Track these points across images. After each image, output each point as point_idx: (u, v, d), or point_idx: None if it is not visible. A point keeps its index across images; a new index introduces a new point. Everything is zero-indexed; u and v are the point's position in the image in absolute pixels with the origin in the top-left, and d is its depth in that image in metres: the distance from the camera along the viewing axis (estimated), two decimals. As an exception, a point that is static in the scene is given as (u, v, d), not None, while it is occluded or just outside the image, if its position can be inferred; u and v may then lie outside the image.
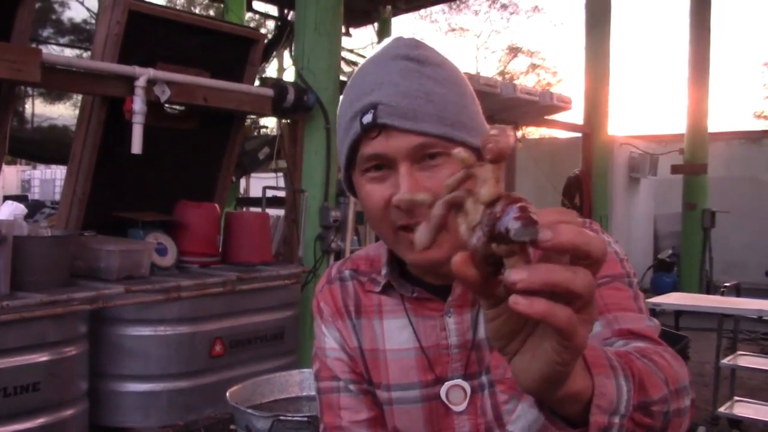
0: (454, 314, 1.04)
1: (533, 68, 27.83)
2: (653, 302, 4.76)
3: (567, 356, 0.57)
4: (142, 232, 3.79)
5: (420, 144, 0.94)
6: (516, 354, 0.61)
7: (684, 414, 0.78)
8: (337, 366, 1.12)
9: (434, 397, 1.05)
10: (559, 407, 0.68)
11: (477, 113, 1.01)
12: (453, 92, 0.98)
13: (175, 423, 3.57)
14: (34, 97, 13.98)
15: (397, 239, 0.97)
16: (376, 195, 0.97)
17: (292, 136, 4.68)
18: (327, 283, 1.17)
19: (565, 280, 0.53)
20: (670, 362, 0.80)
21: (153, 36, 3.79)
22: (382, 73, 0.97)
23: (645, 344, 0.85)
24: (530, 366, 0.60)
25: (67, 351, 3.08)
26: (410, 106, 0.93)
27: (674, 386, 0.77)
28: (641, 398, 0.72)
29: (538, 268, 0.54)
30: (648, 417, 0.73)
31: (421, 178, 0.95)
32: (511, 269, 0.54)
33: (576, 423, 0.69)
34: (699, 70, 9.66)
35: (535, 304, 0.53)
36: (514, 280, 0.53)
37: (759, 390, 5.38)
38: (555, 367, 0.58)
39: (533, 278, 0.53)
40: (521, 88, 6.56)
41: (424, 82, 0.95)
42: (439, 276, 1.04)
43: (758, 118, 26.23)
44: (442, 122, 0.94)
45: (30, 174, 23.84)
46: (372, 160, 0.96)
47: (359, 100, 0.96)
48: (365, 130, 0.94)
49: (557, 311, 0.54)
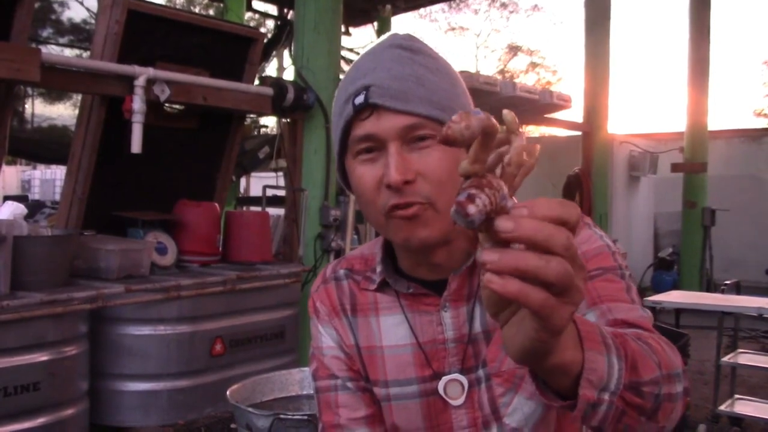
0: (450, 308, 1.04)
1: (533, 67, 27.89)
2: (653, 300, 4.76)
3: (544, 335, 0.59)
4: (142, 232, 3.78)
5: (410, 124, 0.95)
6: (506, 324, 0.63)
7: (676, 400, 0.78)
8: (334, 364, 1.12)
9: (432, 392, 1.06)
10: (549, 378, 0.69)
11: (468, 105, 1.03)
12: (444, 81, 1.00)
13: (176, 422, 3.57)
14: (34, 97, 14.00)
15: (387, 221, 0.98)
16: (368, 176, 0.98)
17: (292, 135, 4.68)
18: (322, 283, 1.18)
19: (535, 267, 0.54)
20: (664, 348, 0.81)
21: (152, 35, 3.79)
22: (375, 60, 0.99)
23: (640, 332, 0.86)
24: (515, 338, 0.62)
25: (67, 350, 3.08)
26: (401, 88, 0.95)
27: (667, 371, 0.78)
28: (632, 378, 0.72)
29: (509, 253, 0.55)
30: (639, 397, 0.73)
31: (410, 158, 0.96)
32: (482, 249, 0.55)
33: (567, 396, 0.71)
34: (699, 68, 9.66)
35: (508, 284, 0.55)
36: (483, 261, 0.55)
37: (760, 388, 5.39)
38: (534, 342, 0.60)
39: (503, 263, 0.54)
40: (521, 87, 6.56)
41: (416, 68, 0.98)
42: (433, 269, 1.05)
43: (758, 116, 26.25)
44: (432, 105, 0.96)
45: (30, 174, 23.85)
46: (363, 141, 0.98)
47: (353, 84, 0.99)
48: (357, 111, 0.96)
49: (531, 293, 0.55)
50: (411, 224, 0.96)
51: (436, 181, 0.95)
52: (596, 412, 0.70)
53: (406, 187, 0.95)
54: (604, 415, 0.71)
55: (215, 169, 4.48)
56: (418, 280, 1.07)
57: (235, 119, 4.42)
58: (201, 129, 4.25)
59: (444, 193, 0.95)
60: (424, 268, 1.05)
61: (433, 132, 0.96)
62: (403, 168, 0.94)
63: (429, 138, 0.96)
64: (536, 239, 0.55)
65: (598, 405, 0.70)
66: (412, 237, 0.97)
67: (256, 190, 8.26)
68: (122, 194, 3.97)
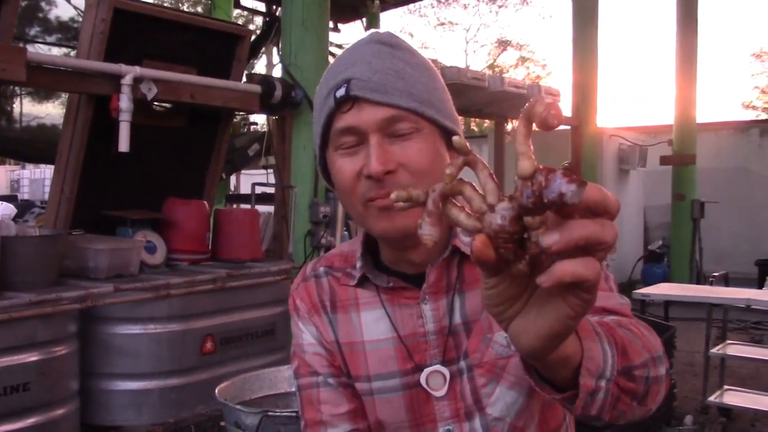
0: (430, 301, 1.05)
1: (522, 61, 27.92)
2: (643, 293, 4.79)
3: (581, 309, 0.60)
4: (131, 231, 3.78)
5: (390, 116, 0.97)
6: (516, 317, 0.64)
7: (661, 382, 0.82)
8: (315, 361, 1.13)
9: (414, 385, 1.06)
10: (550, 371, 0.71)
11: (448, 101, 1.04)
12: (424, 75, 1.01)
13: (166, 420, 3.57)
14: (22, 97, 13.91)
15: (366, 211, 0.99)
16: (347, 168, 0.99)
17: (281, 132, 4.67)
18: (302, 281, 1.18)
19: (596, 232, 0.56)
20: (643, 332, 0.84)
21: (139, 33, 3.78)
22: (356, 55, 1.01)
23: (619, 318, 0.89)
24: (535, 324, 0.62)
25: (57, 350, 3.08)
26: (381, 81, 0.97)
27: (651, 354, 0.81)
28: (624, 363, 0.75)
29: (567, 228, 0.56)
30: (631, 381, 0.76)
31: (391, 150, 0.97)
32: (542, 236, 0.56)
33: (563, 389, 0.72)
34: (687, 61, 9.70)
35: (566, 268, 0.56)
36: (547, 244, 0.56)
37: (748, 379, 5.42)
38: (566, 321, 0.61)
39: (565, 238, 0.55)
40: (509, 81, 6.57)
41: (395, 62, 0.99)
42: (412, 264, 1.06)
43: (746, 108, 26.40)
44: (412, 97, 0.97)
45: (19, 174, 23.75)
46: (344, 134, 0.99)
47: (334, 78, 1.00)
48: (338, 103, 0.98)
49: (589, 266, 0.56)
50: (390, 214, 0.97)
51: (416, 171, 0.97)
52: (595, 400, 0.72)
53: (387, 177, 0.96)
54: (602, 403, 0.73)
55: (204, 167, 4.47)
56: (399, 273, 1.07)
57: (224, 117, 4.41)
58: (189, 127, 4.24)
59: (424, 183, 0.94)
60: (404, 260, 1.06)
61: (413, 124, 0.97)
62: (384, 159, 0.96)
63: (409, 130, 0.97)
64: (597, 205, 0.56)
65: (596, 393, 0.72)
66: (391, 227, 0.98)
67: (245, 188, 8.26)
68: (111, 193, 3.96)
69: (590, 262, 0.56)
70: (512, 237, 0.59)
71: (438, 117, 1.00)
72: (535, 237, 0.57)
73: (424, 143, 0.97)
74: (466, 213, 0.62)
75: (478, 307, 1.02)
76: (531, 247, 0.58)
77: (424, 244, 0.63)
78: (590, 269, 0.56)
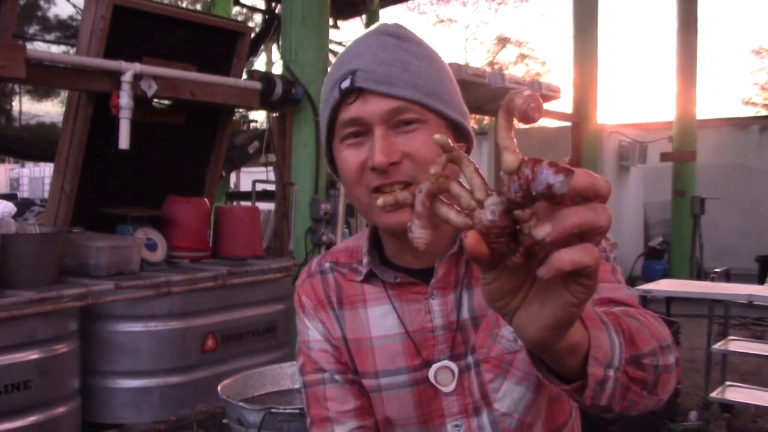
0: (438, 296, 1.05)
1: (522, 58, 27.89)
2: (644, 289, 4.79)
3: (584, 295, 0.60)
4: (131, 228, 3.77)
5: (395, 108, 0.96)
6: (518, 309, 0.63)
7: (671, 371, 0.81)
8: (321, 357, 1.12)
9: (423, 381, 1.06)
10: (558, 362, 0.70)
11: (455, 93, 1.04)
12: (430, 67, 1.01)
13: (168, 418, 3.57)
14: (21, 95, 13.91)
15: (371, 203, 0.99)
16: (353, 159, 0.99)
17: (281, 129, 4.66)
18: (307, 277, 1.18)
19: (589, 218, 0.55)
20: (651, 321, 0.84)
21: (138, 30, 3.77)
22: (362, 47, 1.00)
23: (627, 308, 0.88)
24: (539, 314, 0.62)
25: (57, 348, 3.07)
26: (387, 72, 0.96)
27: (659, 342, 0.80)
28: (632, 351, 0.75)
29: (559, 216, 0.55)
30: (640, 370, 0.75)
31: (396, 141, 0.96)
32: (534, 228, 0.56)
33: (570, 380, 0.72)
34: (687, 57, 9.69)
35: (564, 257, 0.55)
36: (539, 236, 0.55)
37: (750, 374, 5.42)
38: (570, 309, 0.60)
39: (558, 228, 0.55)
40: (510, 78, 6.55)
41: (401, 54, 0.99)
42: (419, 256, 1.05)
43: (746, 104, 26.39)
44: (417, 89, 0.97)
45: (19, 172, 23.76)
46: (350, 125, 0.99)
47: (339, 70, 1.00)
48: (343, 95, 0.97)
49: (587, 252, 0.56)
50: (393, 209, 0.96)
51: (422, 162, 0.96)
52: (604, 390, 0.72)
53: (391, 168, 0.96)
54: (611, 392, 0.72)
55: (204, 165, 4.46)
56: (404, 268, 1.07)
57: (224, 114, 4.40)
58: (189, 124, 4.23)
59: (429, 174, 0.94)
60: (410, 254, 1.05)
61: (419, 116, 0.97)
62: (389, 150, 0.95)
63: (414, 122, 0.97)
64: (587, 191, 0.56)
65: (605, 382, 0.71)
66: (395, 222, 0.97)
67: (245, 185, 8.25)
68: (111, 191, 3.95)
69: (588, 248, 0.56)
70: (504, 231, 0.58)
71: (444, 109, 0.99)
72: (528, 229, 0.57)
73: (429, 135, 0.97)
74: (456, 210, 0.62)
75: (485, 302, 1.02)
76: (524, 240, 0.57)
77: (416, 247, 0.63)
78: (589, 255, 0.55)
